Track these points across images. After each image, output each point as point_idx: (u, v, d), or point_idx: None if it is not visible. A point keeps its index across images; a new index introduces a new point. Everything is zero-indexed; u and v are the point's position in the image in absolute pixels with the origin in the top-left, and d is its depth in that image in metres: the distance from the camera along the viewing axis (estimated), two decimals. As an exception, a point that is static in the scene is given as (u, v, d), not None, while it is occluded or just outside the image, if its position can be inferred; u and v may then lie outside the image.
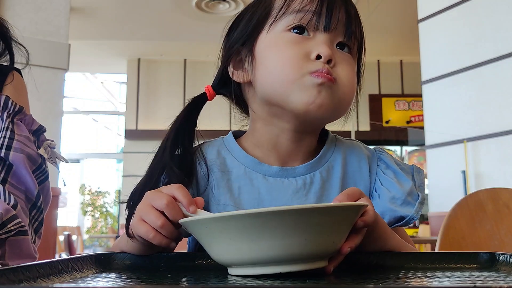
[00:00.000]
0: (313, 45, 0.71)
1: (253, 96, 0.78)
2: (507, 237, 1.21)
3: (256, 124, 0.80)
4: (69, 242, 5.11)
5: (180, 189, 0.59)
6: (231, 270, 0.54)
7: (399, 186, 0.76)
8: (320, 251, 0.51)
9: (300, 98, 0.70)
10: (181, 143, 0.77)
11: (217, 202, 0.75)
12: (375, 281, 0.50)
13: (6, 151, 0.79)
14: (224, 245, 0.50)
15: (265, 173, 0.76)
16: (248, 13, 0.79)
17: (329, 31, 0.72)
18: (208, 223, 0.50)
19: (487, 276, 0.52)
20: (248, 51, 0.76)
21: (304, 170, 0.77)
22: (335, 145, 0.81)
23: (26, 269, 0.47)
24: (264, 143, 0.78)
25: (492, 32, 3.99)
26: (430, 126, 4.45)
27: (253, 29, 0.76)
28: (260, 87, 0.74)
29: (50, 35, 2.91)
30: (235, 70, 0.78)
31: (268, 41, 0.74)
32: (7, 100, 0.84)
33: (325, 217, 0.49)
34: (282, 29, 0.73)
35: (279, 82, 0.71)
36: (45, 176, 0.86)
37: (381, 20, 6.94)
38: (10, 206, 0.75)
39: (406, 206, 0.74)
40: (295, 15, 0.72)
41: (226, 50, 0.80)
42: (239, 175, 0.77)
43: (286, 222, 0.48)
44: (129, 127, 8.77)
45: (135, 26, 7.33)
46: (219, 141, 0.82)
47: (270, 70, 0.72)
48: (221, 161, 0.78)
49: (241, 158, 0.78)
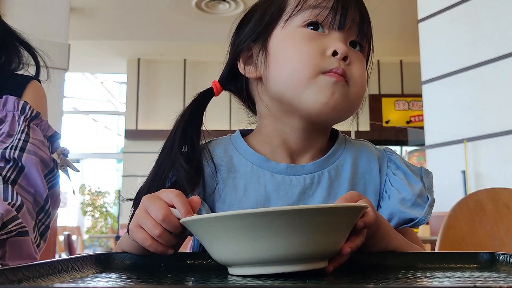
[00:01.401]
0: (329, 41, 0.71)
1: (263, 92, 0.77)
2: (507, 237, 1.21)
3: (264, 121, 0.79)
4: (69, 242, 5.11)
5: (178, 197, 0.57)
6: (232, 270, 0.54)
7: (409, 187, 0.76)
8: (321, 251, 0.51)
9: (313, 98, 0.70)
10: (189, 139, 0.76)
11: (223, 200, 0.74)
12: (375, 281, 0.50)
13: (20, 153, 0.80)
14: (227, 244, 0.50)
15: (273, 170, 0.75)
16: (259, 9, 0.78)
17: (344, 29, 0.72)
18: (212, 222, 0.50)
19: (487, 276, 0.52)
20: (261, 47, 0.75)
21: (313, 168, 0.76)
22: (345, 145, 0.80)
23: (26, 269, 0.47)
24: (273, 139, 0.77)
25: (492, 32, 3.99)
26: (430, 126, 4.46)
27: (267, 24, 0.75)
28: (273, 83, 0.73)
29: (50, 35, 2.90)
30: (246, 66, 0.78)
31: (283, 37, 0.73)
32: (25, 105, 0.86)
33: (327, 217, 0.49)
34: (297, 24, 0.73)
35: (293, 79, 0.70)
36: (56, 181, 0.87)
37: (381, 20, 6.94)
38: (16, 206, 0.75)
39: (415, 208, 0.74)
40: (311, 11, 0.72)
41: (236, 45, 0.79)
42: (246, 173, 0.76)
43: (289, 222, 0.48)
44: (129, 127, 8.77)
45: (135, 26, 7.33)
46: (226, 139, 0.81)
47: (284, 66, 0.72)
48: (228, 159, 0.77)
49: (248, 156, 0.77)
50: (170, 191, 0.59)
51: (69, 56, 3.02)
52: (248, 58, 0.78)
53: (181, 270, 0.61)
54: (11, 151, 0.80)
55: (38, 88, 0.96)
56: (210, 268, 0.61)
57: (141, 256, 0.64)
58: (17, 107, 0.86)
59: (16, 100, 0.86)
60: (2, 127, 0.84)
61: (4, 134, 0.83)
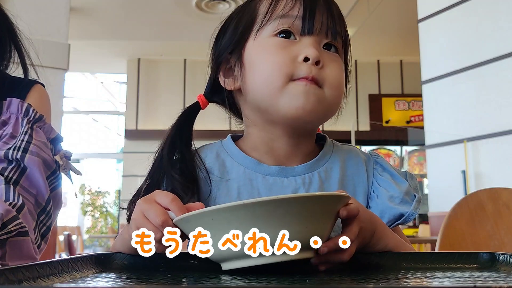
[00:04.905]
0: (300, 47, 0.72)
1: (245, 103, 0.79)
2: (507, 237, 1.21)
3: (250, 129, 0.81)
4: (69, 242, 5.11)
5: (174, 203, 0.57)
6: (227, 265, 0.55)
7: (396, 186, 0.78)
8: (301, 241, 0.52)
9: (288, 105, 0.71)
10: (178, 151, 0.77)
11: (217, 204, 0.75)
12: (375, 281, 0.50)
13: (22, 154, 0.81)
14: (226, 237, 0.51)
15: (264, 172, 0.77)
16: (233, 20, 0.80)
17: (314, 33, 0.73)
18: (214, 215, 0.50)
19: (487, 276, 0.52)
20: (237, 59, 0.77)
21: (303, 170, 0.78)
22: (333, 149, 0.82)
23: (26, 269, 0.47)
24: (260, 146, 0.79)
25: (492, 32, 3.99)
26: (430, 126, 4.45)
27: (241, 36, 0.77)
28: (250, 94, 0.75)
29: (50, 35, 2.90)
30: (226, 78, 0.79)
31: (256, 47, 0.75)
32: (29, 107, 0.87)
33: (301, 206, 0.51)
34: (268, 34, 0.74)
35: (267, 89, 0.72)
36: (58, 182, 0.87)
37: (381, 20, 6.94)
38: (17, 206, 0.76)
39: (404, 204, 0.76)
40: (279, 20, 0.73)
41: (215, 58, 0.81)
42: (239, 176, 0.77)
43: (289, 210, 0.50)
44: (129, 127, 8.77)
45: (135, 26, 7.33)
46: (218, 144, 0.83)
47: (258, 76, 0.73)
48: (220, 163, 0.79)
49: (240, 159, 0.79)
50: (165, 195, 0.59)
51: (69, 56, 3.02)
52: (227, 70, 0.80)
53: (181, 270, 0.61)
54: (14, 152, 0.80)
55: (41, 91, 0.96)
56: (210, 268, 0.61)
57: (141, 256, 0.64)
58: (20, 109, 0.86)
59: (20, 103, 0.87)
60: (5, 128, 0.85)
61: (8, 135, 0.84)
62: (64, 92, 3.13)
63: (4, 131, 0.85)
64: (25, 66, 0.98)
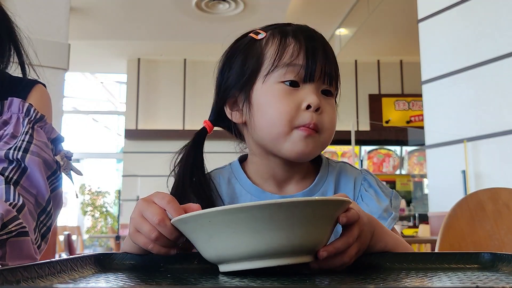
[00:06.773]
0: (304, 95, 0.79)
1: (249, 135, 0.86)
2: (507, 237, 1.21)
3: (253, 157, 0.88)
4: (69, 242, 5.11)
5: (171, 204, 0.59)
6: (225, 267, 0.54)
7: (378, 203, 0.85)
8: (300, 245, 0.52)
9: (290, 149, 0.80)
10: (196, 177, 0.84)
11: None
12: (376, 281, 0.49)
13: (23, 154, 0.81)
14: (226, 239, 0.51)
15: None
16: (238, 57, 0.85)
17: (315, 80, 0.80)
18: (212, 217, 0.50)
19: (488, 277, 0.52)
20: (245, 98, 0.83)
21: (302, 196, 0.84)
22: (328, 170, 0.90)
23: (24, 269, 0.47)
24: (263, 173, 0.87)
25: (492, 32, 3.99)
26: (430, 126, 4.45)
27: (249, 78, 0.83)
28: (257, 133, 0.83)
29: (50, 35, 2.90)
30: (232, 111, 0.86)
31: (264, 92, 0.81)
32: (30, 107, 0.87)
33: (300, 211, 0.51)
34: (275, 80, 0.81)
35: (272, 133, 0.80)
36: (59, 182, 0.87)
37: (381, 20, 6.94)
38: (17, 206, 0.75)
39: (381, 220, 0.80)
40: (286, 68, 0.80)
41: (222, 91, 0.86)
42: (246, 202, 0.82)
43: (288, 214, 0.50)
44: (129, 127, 8.77)
45: (135, 26, 7.33)
46: (228, 170, 0.90)
47: (265, 120, 0.81)
48: (231, 189, 0.87)
49: (247, 187, 0.87)
50: (162, 196, 0.61)
51: (69, 56, 3.02)
52: (233, 103, 0.86)
53: (181, 270, 0.61)
54: (15, 152, 0.80)
55: (43, 91, 0.96)
56: (210, 269, 0.61)
57: (140, 257, 0.64)
58: (22, 109, 0.86)
59: (21, 102, 0.87)
60: (6, 128, 0.85)
61: (8, 135, 0.84)
62: (64, 92, 3.13)
63: (5, 131, 0.84)
64: (23, 65, 0.98)
